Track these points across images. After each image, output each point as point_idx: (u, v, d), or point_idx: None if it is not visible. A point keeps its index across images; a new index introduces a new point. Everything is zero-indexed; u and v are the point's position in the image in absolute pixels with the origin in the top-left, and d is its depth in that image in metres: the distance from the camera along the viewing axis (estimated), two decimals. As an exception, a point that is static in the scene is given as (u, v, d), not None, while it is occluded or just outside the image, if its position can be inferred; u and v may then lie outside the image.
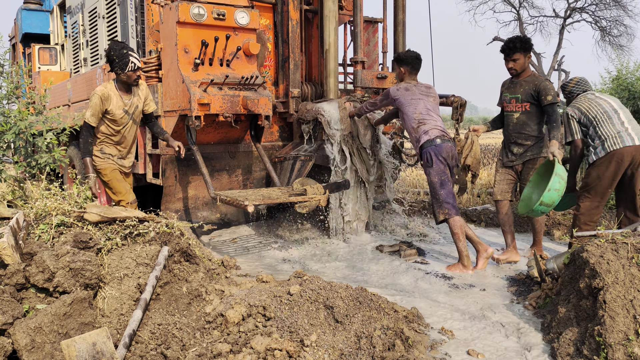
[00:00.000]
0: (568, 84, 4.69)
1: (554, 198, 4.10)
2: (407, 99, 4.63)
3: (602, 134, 4.26)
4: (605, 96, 4.45)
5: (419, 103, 4.60)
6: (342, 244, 5.33)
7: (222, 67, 4.86)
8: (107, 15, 6.70)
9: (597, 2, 25.20)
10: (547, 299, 3.54)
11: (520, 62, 4.59)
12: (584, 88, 4.57)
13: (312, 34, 6.27)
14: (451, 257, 4.86)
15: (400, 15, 6.37)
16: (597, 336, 2.64)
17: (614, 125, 4.24)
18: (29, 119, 4.83)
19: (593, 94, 4.48)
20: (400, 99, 4.66)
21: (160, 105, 5.01)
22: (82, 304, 2.64)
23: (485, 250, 4.50)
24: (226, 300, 3.14)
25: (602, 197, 4.30)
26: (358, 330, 2.90)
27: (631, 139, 4.19)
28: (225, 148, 5.49)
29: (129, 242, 3.18)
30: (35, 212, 3.33)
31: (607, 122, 4.26)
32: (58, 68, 8.99)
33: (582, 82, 4.62)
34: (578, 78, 4.67)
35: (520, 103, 4.63)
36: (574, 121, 4.42)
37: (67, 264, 2.73)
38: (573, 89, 4.61)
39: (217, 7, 4.76)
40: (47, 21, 9.61)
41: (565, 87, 4.69)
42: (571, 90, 4.63)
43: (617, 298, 2.71)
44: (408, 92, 4.64)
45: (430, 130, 4.52)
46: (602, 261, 2.87)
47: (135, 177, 5.82)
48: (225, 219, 5.69)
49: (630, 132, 4.22)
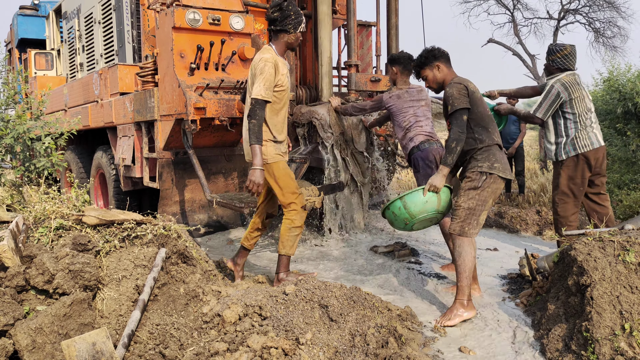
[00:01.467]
0: (560, 50, 4.38)
1: (397, 210, 3.61)
2: (398, 107, 4.69)
3: (575, 133, 4.31)
4: (585, 90, 4.40)
5: (408, 111, 4.67)
6: (337, 244, 5.39)
7: (218, 72, 4.92)
8: (103, 21, 6.76)
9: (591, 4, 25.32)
10: (538, 296, 3.62)
11: (430, 78, 3.83)
12: (571, 65, 4.39)
13: (306, 38, 6.34)
14: (445, 258, 4.92)
15: (393, 18, 6.44)
16: (585, 332, 2.71)
17: (587, 127, 4.31)
18: (27, 124, 4.89)
19: (578, 81, 4.34)
20: (392, 108, 4.73)
21: (156, 109, 5.07)
22: (82, 305, 2.70)
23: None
24: (223, 301, 3.19)
25: (577, 197, 4.40)
26: (352, 329, 2.96)
27: (597, 141, 4.29)
28: (221, 151, 5.55)
29: (127, 244, 3.24)
30: (34, 216, 3.38)
31: (584, 122, 4.31)
32: (54, 73, 9.03)
33: (573, 56, 4.39)
34: (571, 49, 4.39)
35: (446, 122, 3.82)
36: (558, 101, 4.28)
37: (66, 266, 2.78)
38: (561, 61, 4.38)
39: (212, 12, 4.83)
40: (43, 26, 9.66)
41: (554, 52, 4.41)
42: (555, 61, 4.39)
43: (604, 294, 2.78)
44: (400, 99, 4.71)
45: (416, 136, 4.58)
46: (590, 259, 2.94)
47: (131, 181, 5.88)
48: (221, 221, 5.75)
49: (596, 132, 4.32)
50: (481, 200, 3.45)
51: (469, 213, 3.44)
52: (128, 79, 5.88)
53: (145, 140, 5.36)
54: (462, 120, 3.50)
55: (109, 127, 6.29)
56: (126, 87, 5.87)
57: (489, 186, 3.45)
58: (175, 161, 5.22)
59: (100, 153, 6.54)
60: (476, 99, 3.59)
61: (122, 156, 5.76)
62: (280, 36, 3.74)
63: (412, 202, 3.56)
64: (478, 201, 3.45)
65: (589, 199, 4.49)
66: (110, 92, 6.07)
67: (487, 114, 3.63)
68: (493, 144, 3.57)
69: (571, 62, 4.39)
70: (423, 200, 3.55)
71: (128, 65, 5.96)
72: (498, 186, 3.50)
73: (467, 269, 3.44)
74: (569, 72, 4.39)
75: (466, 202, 3.46)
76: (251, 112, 3.58)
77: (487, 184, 3.45)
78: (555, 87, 4.29)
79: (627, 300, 2.73)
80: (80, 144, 7.60)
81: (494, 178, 3.45)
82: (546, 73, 4.57)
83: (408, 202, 3.57)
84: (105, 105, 6.17)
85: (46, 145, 4.84)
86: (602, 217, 4.38)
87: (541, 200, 7.50)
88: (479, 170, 3.47)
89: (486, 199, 3.46)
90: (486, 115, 3.62)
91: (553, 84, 4.31)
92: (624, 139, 7.38)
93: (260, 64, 3.62)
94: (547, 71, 4.53)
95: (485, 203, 3.46)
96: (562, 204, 4.41)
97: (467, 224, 3.45)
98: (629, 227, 3.29)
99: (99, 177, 6.71)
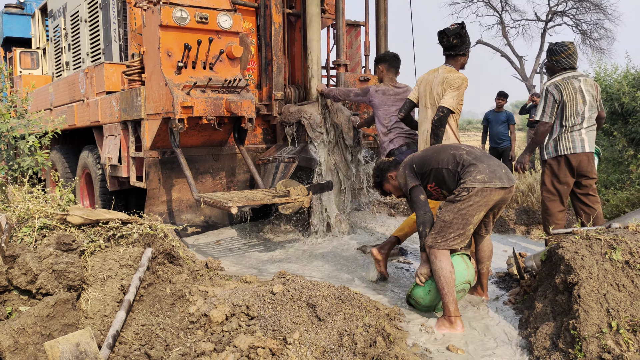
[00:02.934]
0: (564, 50, 4.40)
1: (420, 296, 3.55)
2: (381, 102, 4.71)
3: (559, 135, 4.37)
4: (585, 89, 4.35)
5: (391, 109, 4.69)
6: (325, 244, 5.37)
7: (205, 70, 4.89)
8: (90, 19, 6.69)
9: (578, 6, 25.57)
10: (526, 295, 3.62)
11: (393, 190, 3.92)
12: (574, 63, 4.41)
13: (295, 37, 6.32)
14: (433, 257, 4.92)
15: (382, 18, 6.45)
16: (572, 330, 2.71)
17: (573, 130, 4.34)
18: (10, 122, 4.82)
19: (580, 80, 4.35)
20: (374, 101, 4.76)
21: (143, 108, 5.03)
22: (66, 306, 2.66)
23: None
24: (210, 301, 3.17)
25: (563, 196, 4.46)
26: (340, 328, 2.94)
27: (581, 146, 4.32)
28: (208, 151, 5.51)
29: (112, 244, 3.20)
30: (17, 215, 3.32)
31: (570, 126, 4.34)
32: (40, 72, 8.94)
33: (576, 54, 4.41)
34: (573, 47, 4.41)
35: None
36: (554, 101, 4.31)
37: (50, 265, 2.74)
38: (566, 60, 4.40)
39: (199, 10, 4.79)
40: (28, 25, 9.56)
41: (558, 52, 4.43)
42: (559, 61, 4.42)
43: (591, 292, 2.79)
44: (384, 96, 4.73)
45: (396, 138, 4.60)
46: (577, 257, 2.95)
47: (118, 181, 5.82)
48: (209, 221, 5.71)
49: (584, 137, 4.34)
50: (460, 215, 3.32)
51: (443, 226, 3.36)
52: (114, 78, 5.82)
53: (132, 140, 5.31)
54: (420, 199, 3.52)
55: (95, 127, 6.22)
56: (112, 86, 5.81)
57: (470, 199, 3.31)
58: (162, 160, 5.17)
59: (86, 152, 6.47)
60: (427, 159, 3.55)
61: (108, 155, 5.71)
62: (458, 58, 4.26)
63: (418, 297, 3.53)
64: (456, 215, 3.33)
65: (578, 200, 4.52)
66: (97, 91, 6.00)
67: (446, 156, 3.50)
68: (470, 164, 3.40)
69: (574, 60, 4.44)
70: (426, 290, 3.48)
71: (114, 64, 5.90)
72: (488, 197, 3.33)
73: (445, 284, 3.30)
74: (569, 72, 4.42)
75: (442, 215, 3.39)
76: (441, 120, 4.13)
77: (467, 198, 3.31)
78: (548, 89, 4.38)
79: (614, 298, 2.74)
80: (66, 144, 7.52)
81: (476, 191, 3.31)
82: (549, 73, 4.60)
83: (416, 298, 3.55)
84: (91, 104, 6.11)
85: (30, 144, 4.78)
86: (589, 218, 4.41)
87: (529, 200, 7.53)
88: (460, 187, 3.37)
89: (468, 212, 3.32)
90: (447, 156, 3.49)
91: (547, 86, 4.40)
92: (610, 139, 7.44)
93: (457, 81, 4.13)
94: (550, 71, 4.55)
95: (467, 217, 3.33)
96: (548, 201, 4.51)
97: (440, 237, 3.36)
98: (616, 226, 3.31)
99: (85, 177, 6.64)
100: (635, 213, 4.31)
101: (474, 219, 3.36)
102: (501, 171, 3.39)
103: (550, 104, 4.35)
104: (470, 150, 3.53)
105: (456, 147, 3.59)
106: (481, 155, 3.50)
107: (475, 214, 3.35)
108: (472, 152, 3.52)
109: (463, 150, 3.53)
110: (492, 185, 3.32)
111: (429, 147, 3.83)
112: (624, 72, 7.82)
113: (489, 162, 3.42)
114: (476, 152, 3.51)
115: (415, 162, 3.61)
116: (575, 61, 4.44)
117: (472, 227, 3.40)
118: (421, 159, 3.61)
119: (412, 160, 3.65)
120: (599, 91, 4.45)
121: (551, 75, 4.55)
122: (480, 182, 3.32)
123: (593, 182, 4.47)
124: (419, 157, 3.65)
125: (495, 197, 3.36)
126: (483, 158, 3.46)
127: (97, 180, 6.12)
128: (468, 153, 3.49)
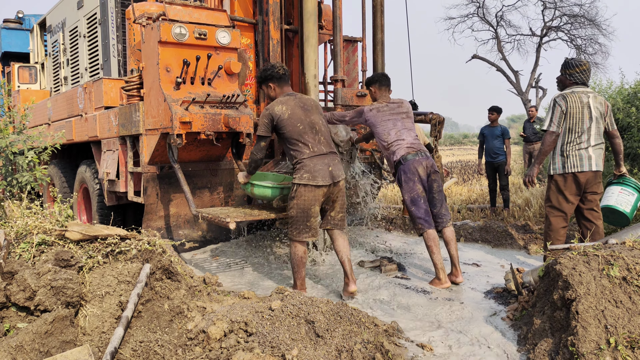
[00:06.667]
0: (579, 65, 4.48)
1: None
2: (377, 120, 4.74)
3: (564, 151, 4.40)
4: (593, 106, 4.40)
5: (388, 124, 4.72)
6: (323, 259, 5.37)
7: (204, 86, 4.92)
8: (88, 34, 6.74)
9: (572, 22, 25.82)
10: (524, 311, 3.62)
11: (265, 94, 4.61)
12: (586, 80, 4.48)
13: (293, 53, 6.37)
14: (431, 272, 4.92)
15: (379, 34, 6.50)
16: (571, 346, 2.72)
17: (580, 148, 4.37)
18: (9, 138, 4.83)
19: (589, 96, 4.41)
20: (370, 120, 4.79)
21: (141, 123, 5.04)
22: (64, 322, 2.65)
23: (442, 283, 4.56)
24: (208, 317, 3.16)
25: (566, 213, 4.48)
26: (339, 344, 2.94)
27: (589, 164, 4.35)
28: (206, 166, 5.52)
29: (111, 260, 3.19)
30: (16, 231, 3.32)
31: (576, 142, 4.38)
32: (38, 87, 8.96)
33: (590, 71, 4.49)
34: (588, 65, 4.51)
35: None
36: (560, 111, 4.38)
37: (48, 282, 2.73)
38: (579, 76, 4.48)
39: (198, 27, 4.83)
40: (26, 40, 9.60)
41: (573, 66, 4.49)
42: (572, 75, 4.48)
43: (589, 309, 2.79)
44: (379, 113, 4.76)
45: (398, 150, 4.63)
46: (575, 273, 2.96)
47: (116, 196, 5.82)
48: (207, 236, 5.71)
49: (592, 154, 4.37)
50: (300, 209, 4.07)
51: (292, 221, 4.13)
52: (113, 93, 5.84)
53: (130, 155, 5.32)
54: (260, 145, 4.27)
55: (93, 141, 6.23)
56: (111, 101, 5.83)
57: (303, 195, 4.05)
58: (160, 175, 5.18)
59: (84, 167, 6.48)
60: (284, 121, 4.13)
61: (106, 170, 5.71)
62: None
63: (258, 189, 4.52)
64: (297, 209, 4.08)
65: (581, 214, 4.55)
66: (95, 106, 6.02)
67: (297, 131, 4.11)
68: (306, 157, 4.08)
69: (587, 77, 4.50)
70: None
71: (113, 79, 5.92)
72: (315, 193, 4.05)
73: (295, 265, 4.20)
74: (579, 87, 4.47)
75: (289, 211, 4.15)
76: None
77: (300, 194, 4.06)
78: (556, 100, 4.44)
79: (612, 314, 2.75)
80: (63, 158, 7.52)
81: (304, 187, 4.03)
82: (560, 86, 4.64)
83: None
84: (89, 119, 6.12)
85: (29, 159, 4.78)
86: (589, 233, 4.45)
87: (526, 215, 7.56)
88: (292, 182, 4.11)
89: (306, 206, 4.05)
90: (296, 132, 4.11)
91: (555, 98, 4.47)
92: (605, 153, 7.47)
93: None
94: (562, 84, 4.60)
95: (307, 210, 4.05)
96: (552, 216, 4.52)
97: (294, 229, 4.14)
98: (613, 242, 3.32)
99: (83, 192, 6.64)
100: (632, 229, 4.34)
101: (313, 210, 4.16)
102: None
103: (557, 114, 4.41)
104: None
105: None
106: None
107: (312, 206, 4.14)
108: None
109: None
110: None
111: None
112: (618, 87, 7.89)
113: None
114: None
115: (279, 120, 4.20)
116: (588, 78, 4.51)
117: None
118: (286, 121, 4.22)
119: (278, 112, 4.19)
120: (609, 108, 4.49)
121: (562, 89, 4.60)
122: (305, 180, 4.11)
123: (597, 198, 4.51)
124: (287, 118, 4.23)
125: (318, 193, 4.09)
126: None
127: (95, 195, 6.12)
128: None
